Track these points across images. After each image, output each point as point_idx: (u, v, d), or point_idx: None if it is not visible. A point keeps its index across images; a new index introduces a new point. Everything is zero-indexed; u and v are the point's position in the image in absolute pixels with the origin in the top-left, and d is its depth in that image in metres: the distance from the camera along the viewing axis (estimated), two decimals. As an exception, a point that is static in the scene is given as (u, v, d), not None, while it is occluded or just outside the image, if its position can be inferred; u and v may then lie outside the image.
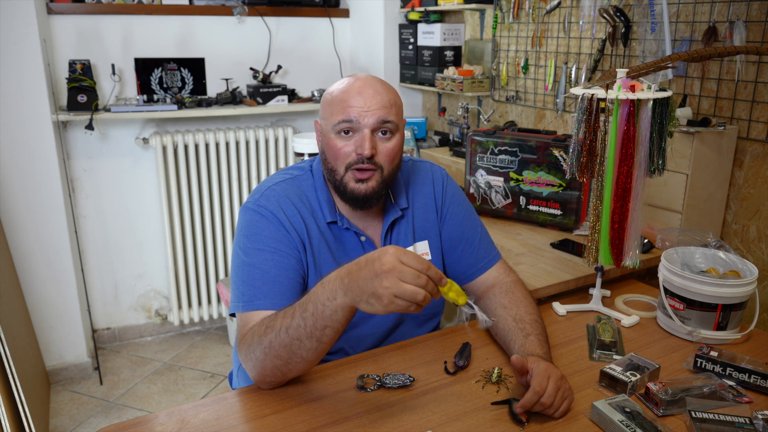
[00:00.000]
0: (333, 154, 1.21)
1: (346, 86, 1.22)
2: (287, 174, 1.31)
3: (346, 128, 1.19)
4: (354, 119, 1.18)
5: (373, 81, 1.23)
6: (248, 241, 1.21)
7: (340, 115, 1.19)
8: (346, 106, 1.19)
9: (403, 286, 0.92)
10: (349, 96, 1.20)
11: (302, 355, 1.04)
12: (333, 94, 1.23)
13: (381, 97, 1.20)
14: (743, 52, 1.65)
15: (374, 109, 1.18)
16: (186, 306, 3.05)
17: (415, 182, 1.38)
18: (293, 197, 1.25)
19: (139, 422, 1.04)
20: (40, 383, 2.50)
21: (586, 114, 1.29)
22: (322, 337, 1.02)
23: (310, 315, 1.01)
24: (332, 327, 1.01)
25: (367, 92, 1.20)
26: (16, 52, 2.39)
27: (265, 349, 1.06)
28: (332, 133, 1.21)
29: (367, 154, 1.18)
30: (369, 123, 1.18)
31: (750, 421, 1.01)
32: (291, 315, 1.04)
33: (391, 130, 1.21)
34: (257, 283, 1.17)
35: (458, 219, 1.39)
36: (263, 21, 3.00)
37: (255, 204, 1.23)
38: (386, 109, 1.20)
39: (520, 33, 2.56)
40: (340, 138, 1.20)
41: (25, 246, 2.58)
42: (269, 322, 1.07)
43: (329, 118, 1.22)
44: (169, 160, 2.81)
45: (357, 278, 0.96)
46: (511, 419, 1.04)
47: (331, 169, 1.23)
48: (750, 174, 1.86)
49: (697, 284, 1.29)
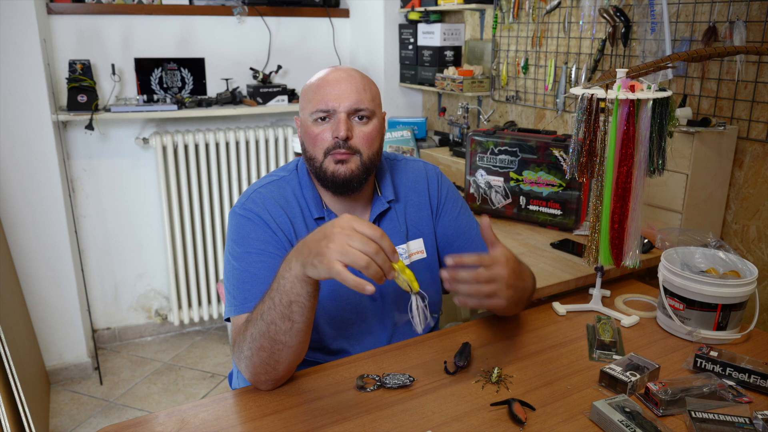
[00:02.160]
0: (311, 140, 1.24)
1: (322, 76, 1.26)
2: (273, 176, 1.33)
3: (322, 116, 1.23)
4: (330, 108, 1.22)
5: (348, 69, 1.27)
6: (237, 245, 1.23)
7: (316, 104, 1.23)
8: (323, 94, 1.23)
9: (348, 249, 0.92)
10: (324, 84, 1.24)
11: (282, 340, 1.04)
12: (310, 84, 1.27)
13: (355, 83, 1.24)
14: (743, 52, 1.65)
15: (348, 95, 1.22)
16: (186, 306, 3.05)
17: (407, 179, 1.39)
18: (279, 198, 1.27)
19: (139, 422, 1.04)
20: (40, 383, 2.50)
21: (586, 114, 1.29)
22: (291, 315, 1.02)
23: (276, 292, 1.02)
24: (297, 302, 1.01)
25: (342, 80, 1.23)
26: (16, 52, 2.39)
27: (249, 343, 1.07)
28: (309, 121, 1.24)
29: (343, 135, 1.20)
30: (344, 107, 1.22)
31: (750, 421, 1.01)
32: (263, 301, 1.06)
33: (367, 116, 1.24)
34: (247, 286, 1.18)
35: (454, 214, 1.40)
36: (263, 21, 3.01)
37: (241, 208, 1.25)
38: (359, 95, 1.23)
39: (520, 33, 2.56)
40: (316, 125, 1.23)
41: (25, 246, 2.58)
42: (249, 316, 1.09)
43: (306, 107, 1.25)
44: (169, 160, 2.81)
45: (309, 241, 0.98)
46: (511, 419, 1.04)
47: (310, 158, 1.26)
48: (750, 174, 1.86)
49: (697, 284, 1.29)
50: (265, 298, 1.05)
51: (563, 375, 1.19)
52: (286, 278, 1.01)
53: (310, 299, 1.02)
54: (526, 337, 1.34)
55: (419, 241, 1.37)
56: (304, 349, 1.10)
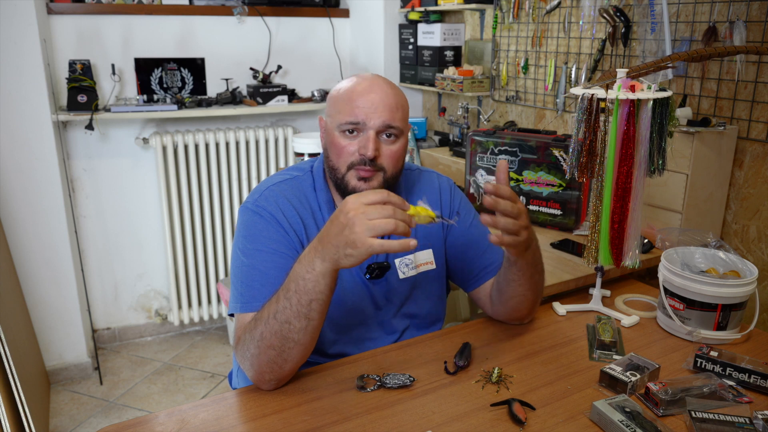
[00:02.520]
0: (336, 152, 1.21)
1: (354, 85, 1.22)
2: (287, 174, 1.31)
3: (350, 128, 1.19)
4: (360, 121, 1.18)
5: (381, 82, 1.22)
6: (247, 242, 1.21)
7: (346, 116, 1.19)
8: (353, 106, 1.19)
9: (372, 223, 0.94)
10: (356, 96, 1.19)
11: (294, 338, 1.05)
12: (340, 92, 1.23)
13: (389, 99, 1.20)
14: (743, 52, 1.65)
15: (380, 111, 1.18)
16: (186, 306, 3.05)
17: (419, 190, 1.37)
18: (292, 198, 1.25)
19: (139, 422, 1.04)
20: (40, 383, 2.50)
21: (586, 114, 1.29)
22: (309, 313, 1.03)
23: (294, 293, 1.02)
24: (317, 299, 1.02)
25: (375, 94, 1.19)
26: (16, 52, 2.39)
27: (257, 342, 1.06)
28: (336, 131, 1.21)
29: (370, 155, 1.17)
30: (374, 125, 1.18)
31: (750, 421, 1.01)
32: (276, 300, 1.05)
33: (396, 134, 1.21)
34: (256, 284, 1.17)
35: (465, 225, 1.38)
36: (263, 21, 3.00)
37: (254, 204, 1.23)
38: (392, 113, 1.19)
39: (520, 33, 2.56)
40: (344, 137, 1.20)
41: (25, 246, 2.58)
42: (258, 315, 1.09)
43: (335, 116, 1.21)
44: (169, 160, 2.81)
45: (328, 238, 0.98)
46: (511, 419, 1.04)
47: (332, 167, 1.23)
48: (750, 174, 1.86)
49: (697, 284, 1.29)
50: (279, 298, 1.04)
51: (563, 375, 1.19)
52: (308, 279, 1.01)
53: (329, 293, 1.03)
54: (526, 337, 1.34)
55: (428, 252, 1.35)
56: (312, 347, 1.10)
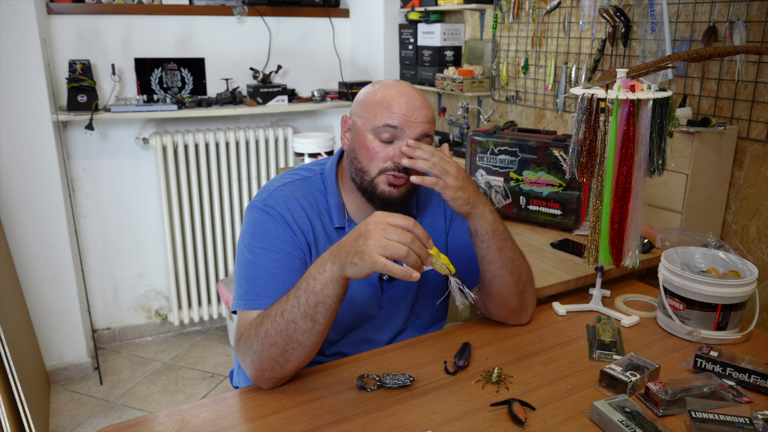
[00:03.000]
0: (368, 155, 1.20)
1: (391, 91, 1.21)
2: (296, 175, 1.30)
3: (388, 132, 1.19)
4: (399, 126, 1.18)
5: (417, 92, 1.23)
6: (254, 239, 1.20)
7: (384, 118, 1.18)
8: (392, 111, 1.18)
9: (387, 242, 0.95)
10: (395, 101, 1.19)
11: (298, 339, 1.05)
12: (377, 95, 1.22)
13: (426, 111, 1.21)
14: (743, 52, 1.65)
15: (419, 122, 1.19)
16: (186, 306, 3.05)
17: (424, 190, 1.37)
18: (301, 199, 1.25)
19: (139, 422, 1.04)
20: (40, 383, 2.50)
21: (586, 114, 1.29)
22: (315, 315, 1.03)
23: (303, 292, 1.03)
24: (324, 303, 1.02)
25: (414, 102, 1.20)
26: (16, 52, 2.39)
27: (261, 338, 1.07)
28: (371, 133, 1.20)
29: (406, 164, 1.18)
30: (412, 134, 1.19)
31: (750, 421, 1.01)
32: (285, 299, 1.06)
33: (428, 143, 1.22)
34: (261, 282, 1.17)
35: (463, 228, 1.37)
36: (263, 21, 3.01)
37: (262, 203, 1.23)
38: (429, 125, 1.21)
39: (520, 33, 2.56)
40: (378, 141, 1.20)
41: (25, 246, 2.58)
42: (266, 312, 1.09)
43: (370, 119, 1.20)
44: (169, 160, 2.81)
45: (344, 243, 1.00)
46: (511, 419, 1.04)
47: (361, 169, 1.22)
48: (750, 174, 1.86)
49: (697, 284, 1.29)
50: (289, 297, 1.05)
51: (563, 375, 1.19)
52: (318, 280, 1.01)
53: (337, 301, 1.03)
54: (526, 337, 1.34)
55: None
56: (315, 352, 1.10)
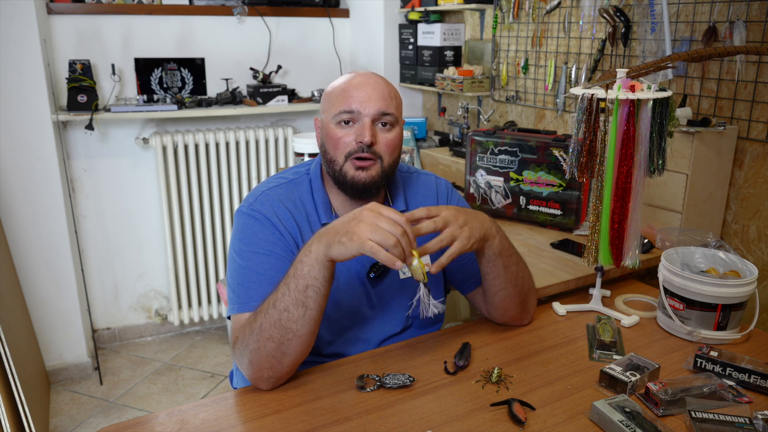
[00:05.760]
0: (333, 143, 1.24)
1: (347, 79, 1.26)
2: (281, 179, 1.32)
3: (346, 119, 1.22)
4: (355, 109, 1.21)
5: (373, 75, 1.27)
6: (243, 244, 1.22)
7: (341, 106, 1.22)
8: (347, 97, 1.22)
9: (378, 228, 1.00)
10: (350, 87, 1.23)
11: (293, 328, 1.06)
12: (334, 87, 1.27)
13: (381, 89, 1.24)
14: (743, 52, 1.65)
15: (375, 100, 1.22)
16: (186, 306, 3.05)
17: (417, 192, 1.38)
18: (287, 201, 1.27)
19: (139, 422, 1.05)
20: (40, 383, 2.50)
21: (586, 114, 1.29)
22: (306, 300, 1.05)
23: (292, 278, 1.06)
24: (312, 286, 1.04)
25: (368, 84, 1.23)
26: (16, 52, 2.39)
27: (256, 334, 1.08)
28: (332, 123, 1.24)
29: (368, 141, 1.20)
30: (369, 113, 1.22)
31: (750, 421, 1.01)
32: (276, 290, 1.08)
33: (391, 123, 1.24)
34: (253, 285, 1.18)
35: None
36: (263, 21, 3.01)
37: (249, 208, 1.25)
38: (386, 101, 1.23)
39: (520, 33, 2.56)
40: (340, 128, 1.23)
41: (25, 246, 2.58)
42: (259, 308, 1.10)
43: (329, 110, 1.25)
44: (169, 160, 2.81)
45: (335, 224, 1.04)
46: (511, 419, 1.04)
47: (330, 160, 1.25)
48: (750, 174, 1.86)
49: (697, 284, 1.29)
50: (279, 287, 1.07)
51: (563, 375, 1.19)
52: (304, 262, 1.04)
53: (325, 284, 1.05)
54: (526, 337, 1.34)
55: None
56: (311, 343, 1.11)
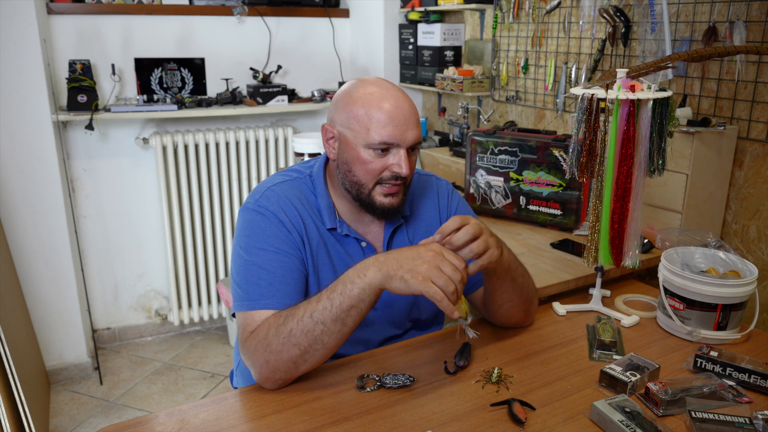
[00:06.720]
0: (363, 168, 1.19)
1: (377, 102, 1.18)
2: (286, 176, 1.31)
3: (384, 146, 1.18)
4: (394, 142, 1.18)
5: (399, 95, 1.20)
6: (250, 240, 1.20)
7: (378, 136, 1.16)
8: (384, 125, 1.16)
9: (440, 273, 1.01)
10: (384, 115, 1.17)
11: (323, 340, 1.06)
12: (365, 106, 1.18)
13: (414, 117, 1.21)
14: (743, 52, 1.65)
15: (411, 130, 1.19)
16: (186, 306, 3.05)
17: (419, 194, 1.38)
18: (293, 198, 1.25)
19: (139, 422, 1.05)
20: (40, 383, 2.50)
21: (586, 114, 1.29)
22: (346, 319, 1.05)
23: (338, 295, 1.05)
24: (357, 307, 1.05)
25: (401, 112, 1.18)
26: (16, 52, 2.39)
27: (284, 338, 1.06)
28: (363, 147, 1.18)
29: (405, 174, 1.18)
30: (407, 144, 1.19)
31: (750, 421, 1.01)
32: (317, 300, 1.07)
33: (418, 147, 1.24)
34: (263, 282, 1.16)
35: None
36: (263, 21, 3.00)
37: (255, 204, 1.23)
38: (418, 128, 1.21)
39: (520, 33, 2.56)
40: (374, 155, 1.19)
41: (25, 246, 2.58)
42: (290, 312, 1.09)
43: (363, 134, 1.17)
44: (169, 160, 2.81)
45: (396, 256, 1.04)
46: (511, 419, 1.04)
47: (356, 182, 1.21)
48: (750, 174, 1.86)
49: (697, 284, 1.29)
50: (321, 298, 1.06)
51: (563, 375, 1.19)
52: (356, 284, 1.04)
53: (369, 308, 1.07)
54: (526, 337, 1.34)
55: None
56: (330, 356, 1.12)
